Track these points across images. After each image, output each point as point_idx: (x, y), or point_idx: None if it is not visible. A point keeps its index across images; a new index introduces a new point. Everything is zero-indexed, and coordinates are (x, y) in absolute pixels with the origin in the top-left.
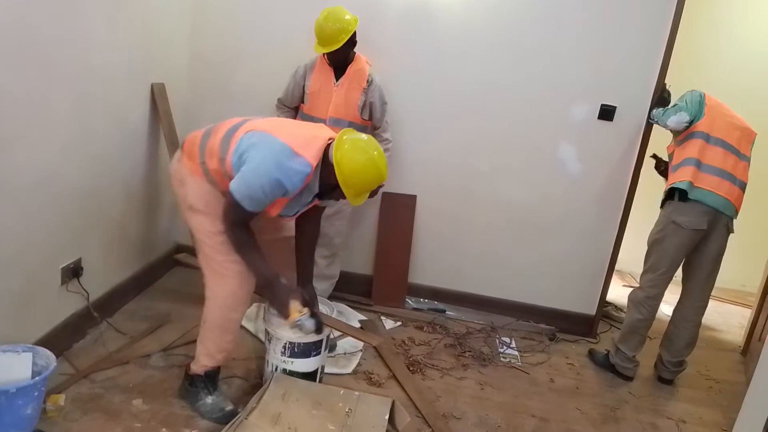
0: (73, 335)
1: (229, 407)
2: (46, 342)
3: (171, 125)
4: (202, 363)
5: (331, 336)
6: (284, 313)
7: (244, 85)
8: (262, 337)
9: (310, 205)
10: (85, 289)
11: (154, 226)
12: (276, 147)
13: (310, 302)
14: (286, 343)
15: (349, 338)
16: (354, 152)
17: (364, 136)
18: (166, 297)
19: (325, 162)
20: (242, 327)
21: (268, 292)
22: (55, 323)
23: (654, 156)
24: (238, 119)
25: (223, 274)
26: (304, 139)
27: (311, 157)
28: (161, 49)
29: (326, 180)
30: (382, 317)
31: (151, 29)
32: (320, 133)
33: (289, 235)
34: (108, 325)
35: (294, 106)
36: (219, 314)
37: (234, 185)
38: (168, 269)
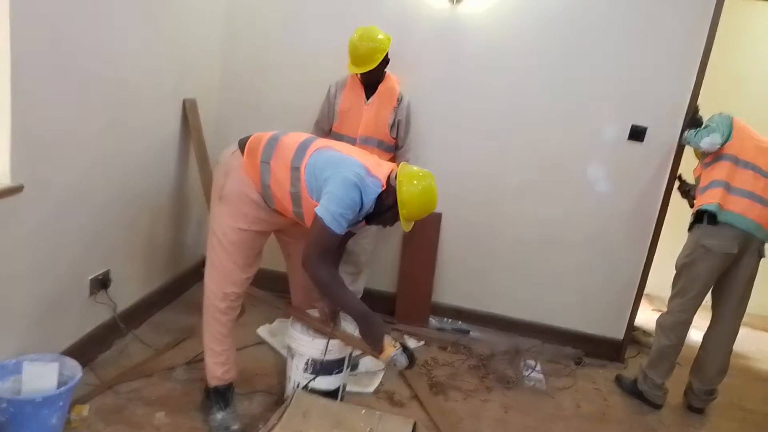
0: (100, 346)
1: (235, 426)
2: (73, 352)
3: (201, 140)
4: (211, 373)
5: (354, 354)
6: (378, 348)
7: (274, 102)
8: (284, 353)
9: (357, 226)
10: (112, 300)
11: (182, 239)
12: (355, 164)
13: (331, 317)
14: (308, 360)
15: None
16: (415, 178)
17: (420, 169)
18: (192, 310)
19: (387, 186)
20: (265, 342)
21: (363, 327)
22: (83, 334)
23: (679, 177)
24: (305, 134)
25: (220, 269)
26: (374, 162)
27: (382, 177)
28: (193, 67)
29: (384, 202)
30: (405, 336)
31: (184, 47)
32: (381, 160)
33: None
34: (134, 337)
35: (330, 127)
36: (210, 312)
37: (322, 209)
38: (194, 282)
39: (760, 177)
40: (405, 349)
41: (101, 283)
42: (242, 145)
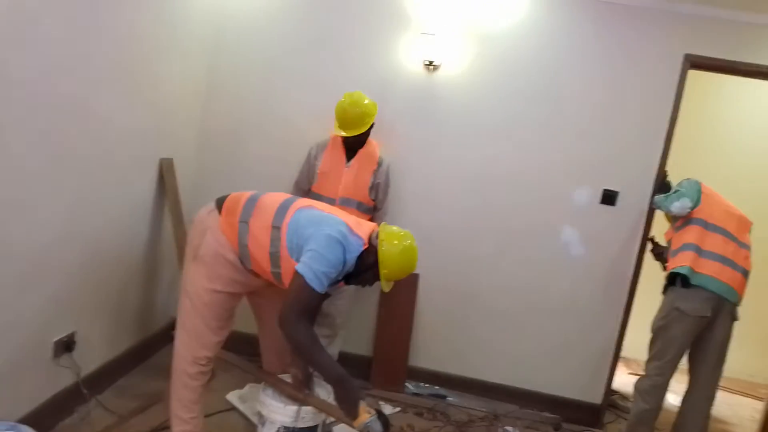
0: (60, 413)
1: None
2: (31, 419)
3: (177, 200)
4: None
5: (326, 421)
6: (353, 415)
7: (252, 163)
8: (255, 420)
9: (336, 287)
10: (76, 364)
11: (153, 301)
12: (338, 222)
13: (305, 383)
14: (280, 428)
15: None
16: (396, 238)
17: (400, 229)
18: (160, 374)
19: (369, 245)
20: (235, 408)
21: (339, 392)
22: (43, 399)
23: (651, 240)
24: (285, 194)
25: (191, 332)
26: (355, 221)
27: (364, 236)
28: (171, 126)
29: (364, 261)
30: (381, 402)
31: (162, 107)
32: (362, 219)
33: None
34: (97, 403)
35: (309, 188)
36: (179, 377)
37: (303, 266)
38: (164, 345)
39: (730, 241)
40: (380, 415)
41: (65, 345)
42: (220, 204)
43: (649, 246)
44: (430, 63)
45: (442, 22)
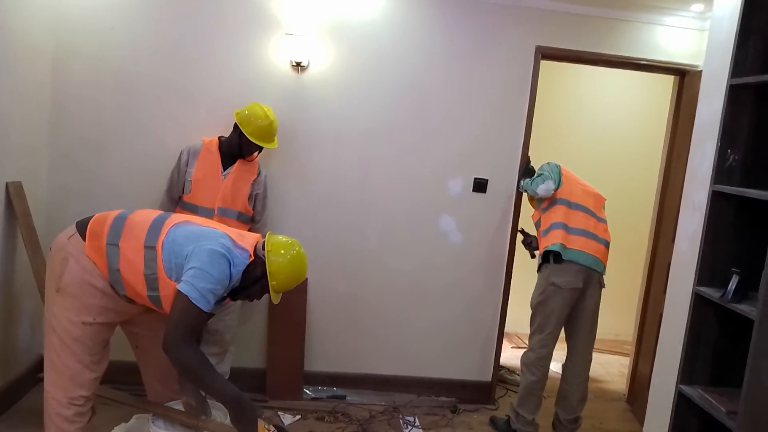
0: None
1: None
2: None
3: (30, 227)
4: None
5: None
6: None
7: (114, 178)
8: None
9: (221, 304)
10: None
11: (12, 339)
12: (219, 235)
13: (197, 408)
14: None
15: None
16: (283, 248)
17: (287, 238)
18: (29, 421)
19: (255, 257)
20: None
21: (234, 413)
22: None
23: (521, 231)
24: (156, 210)
25: (63, 372)
26: (237, 233)
27: (249, 248)
28: (16, 147)
29: (251, 275)
30: (279, 413)
31: (3, 127)
32: (244, 231)
33: None
34: None
35: (179, 196)
36: (54, 423)
37: (186, 286)
38: (30, 387)
39: (590, 216)
40: (279, 430)
41: None
42: (82, 227)
43: (519, 237)
44: (298, 64)
45: (304, 21)
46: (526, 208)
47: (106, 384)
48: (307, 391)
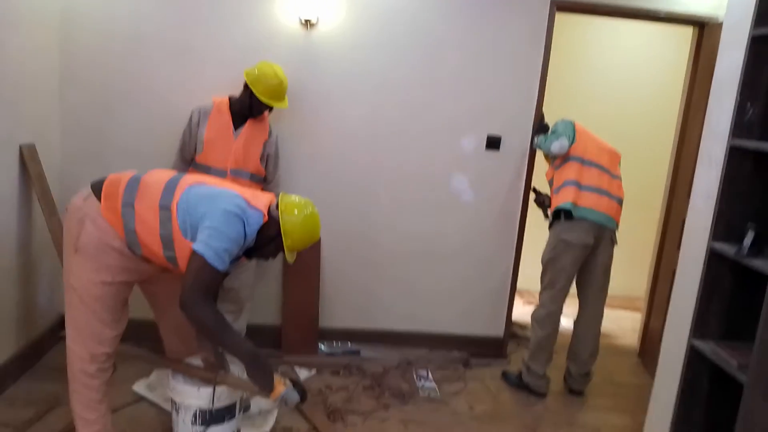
0: None
1: None
2: None
3: (45, 188)
4: None
5: (244, 397)
6: (268, 387)
7: (125, 141)
8: (167, 407)
9: (237, 263)
10: None
11: (33, 298)
12: (233, 196)
13: (216, 364)
14: (196, 411)
15: None
16: (297, 207)
17: (300, 197)
18: (54, 376)
19: (269, 217)
20: (144, 398)
21: (251, 368)
22: None
23: (534, 189)
24: (170, 171)
25: (84, 329)
26: (251, 194)
27: (262, 208)
28: (29, 109)
29: (265, 234)
30: (295, 367)
31: (14, 88)
32: (258, 191)
33: None
34: None
35: (191, 157)
36: (77, 378)
37: (201, 245)
38: (53, 344)
39: (604, 173)
40: (295, 384)
41: None
42: (97, 188)
43: (532, 195)
44: (307, 21)
45: None
46: (540, 166)
47: (126, 341)
48: (322, 347)
